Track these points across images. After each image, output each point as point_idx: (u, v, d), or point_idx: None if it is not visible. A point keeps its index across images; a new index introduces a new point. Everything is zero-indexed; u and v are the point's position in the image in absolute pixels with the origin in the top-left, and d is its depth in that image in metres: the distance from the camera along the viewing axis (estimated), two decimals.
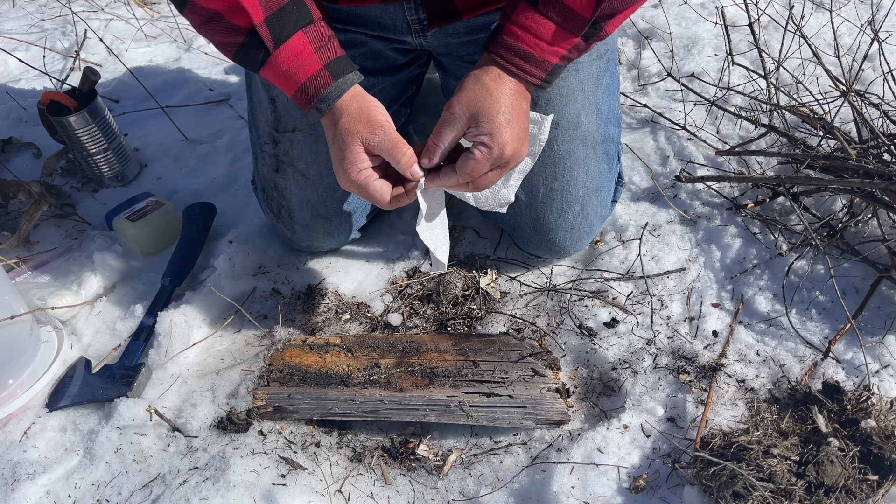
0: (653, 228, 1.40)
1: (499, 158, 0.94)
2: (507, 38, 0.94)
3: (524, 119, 0.97)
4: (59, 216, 1.58)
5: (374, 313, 1.32)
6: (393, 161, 0.96)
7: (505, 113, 0.93)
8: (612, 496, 1.01)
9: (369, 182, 0.97)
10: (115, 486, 1.07)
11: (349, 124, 0.95)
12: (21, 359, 1.21)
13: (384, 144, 0.95)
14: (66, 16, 2.39)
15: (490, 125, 0.93)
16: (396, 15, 1.16)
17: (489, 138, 0.93)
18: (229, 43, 0.96)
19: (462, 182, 0.96)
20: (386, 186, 0.98)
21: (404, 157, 0.95)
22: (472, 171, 0.94)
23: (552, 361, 1.17)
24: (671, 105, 1.70)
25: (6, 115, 1.98)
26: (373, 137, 0.94)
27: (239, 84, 2.03)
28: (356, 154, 0.95)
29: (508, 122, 0.94)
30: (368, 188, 0.97)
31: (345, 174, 0.97)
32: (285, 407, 1.13)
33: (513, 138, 0.94)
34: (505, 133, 0.93)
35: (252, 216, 1.52)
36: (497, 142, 0.93)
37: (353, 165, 0.96)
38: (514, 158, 0.97)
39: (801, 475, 0.96)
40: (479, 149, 0.93)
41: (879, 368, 1.12)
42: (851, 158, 1.27)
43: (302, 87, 0.96)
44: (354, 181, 0.97)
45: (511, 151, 0.95)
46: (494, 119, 0.93)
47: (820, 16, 1.87)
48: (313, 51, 0.95)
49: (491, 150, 0.93)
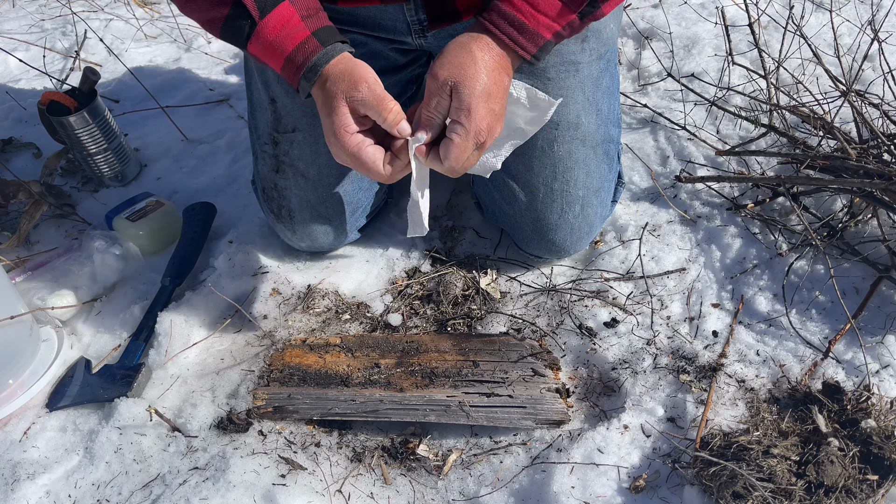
0: (653, 228, 1.40)
1: (476, 136, 0.91)
2: (503, 6, 0.91)
3: (504, 95, 0.94)
4: (59, 216, 1.58)
5: (374, 313, 1.32)
6: (379, 118, 0.91)
7: (485, 84, 0.90)
8: (612, 496, 1.01)
9: (362, 148, 0.91)
10: (115, 486, 1.07)
11: (333, 86, 0.91)
12: (21, 359, 1.21)
13: (369, 100, 0.90)
14: (66, 16, 2.39)
15: (468, 99, 0.89)
16: (396, 16, 1.16)
17: (466, 115, 0.89)
18: (214, 18, 0.93)
19: (449, 172, 0.94)
20: (380, 153, 0.93)
21: (391, 114, 0.90)
22: (457, 157, 0.91)
23: (552, 361, 1.17)
24: (671, 105, 1.70)
25: (6, 115, 1.98)
26: (356, 94, 0.90)
27: (239, 84, 2.03)
28: (342, 116, 0.90)
29: (487, 96, 0.90)
30: (362, 154, 0.92)
31: (337, 142, 0.92)
32: (285, 407, 1.13)
33: (489, 113, 0.91)
34: (482, 108, 0.90)
35: (252, 216, 1.52)
36: (473, 118, 0.90)
37: (341, 128, 0.91)
38: (490, 135, 0.93)
39: (801, 475, 0.96)
40: (457, 131, 0.90)
41: (879, 368, 1.12)
42: (851, 158, 1.27)
43: (290, 56, 0.92)
44: (346, 146, 0.92)
45: (486, 127, 0.91)
46: (474, 90, 0.89)
47: (820, 16, 1.87)
48: (301, 19, 0.93)
49: (468, 131, 0.90)
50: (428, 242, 1.45)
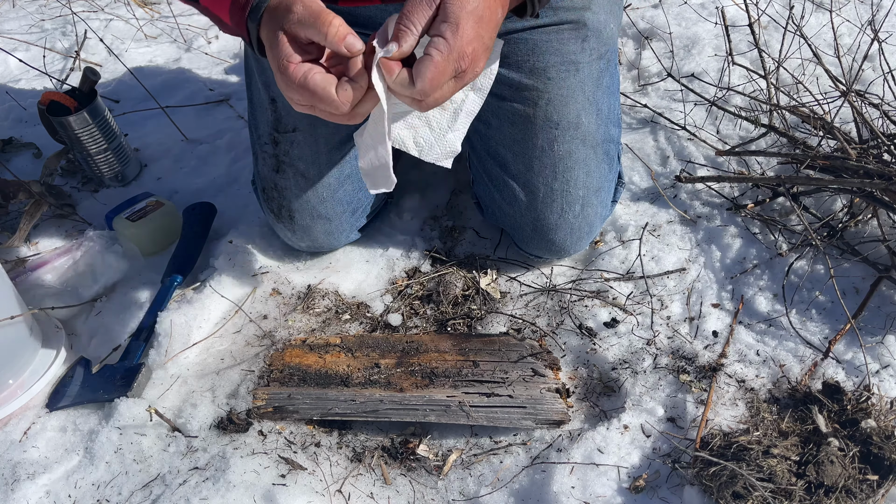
0: (653, 228, 1.40)
1: (459, 59, 0.79)
2: None
3: (495, 28, 0.83)
4: (59, 216, 1.58)
5: (374, 313, 1.32)
6: (320, 35, 0.78)
7: (477, 5, 0.78)
8: (612, 496, 1.01)
9: (308, 76, 0.79)
10: (115, 486, 1.07)
11: (270, 19, 0.82)
12: (21, 359, 1.21)
13: (304, 17, 0.78)
14: (66, 16, 2.39)
15: (456, 13, 0.77)
16: None
17: (451, 30, 0.77)
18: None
19: (419, 95, 0.79)
20: (331, 80, 0.80)
21: (331, 27, 0.78)
22: (433, 79, 0.78)
23: (552, 361, 1.17)
24: (671, 105, 1.70)
25: (6, 115, 1.98)
26: (291, 16, 0.79)
27: (239, 84, 2.03)
28: (281, 45, 0.80)
29: (479, 19, 0.79)
30: (308, 82, 0.79)
31: (283, 79, 0.81)
32: (285, 407, 1.13)
33: (477, 38, 0.79)
34: (469, 27, 0.78)
35: (252, 216, 1.52)
36: (460, 36, 0.77)
37: (283, 60, 0.80)
38: (472, 68, 0.81)
39: (801, 475, 0.96)
40: (439, 46, 0.77)
41: (879, 368, 1.12)
42: (851, 158, 1.27)
43: None
44: (291, 78, 0.80)
45: (472, 52, 0.79)
46: (466, 5, 0.78)
47: (820, 16, 1.87)
48: None
49: (451, 49, 0.77)
50: (428, 242, 1.45)
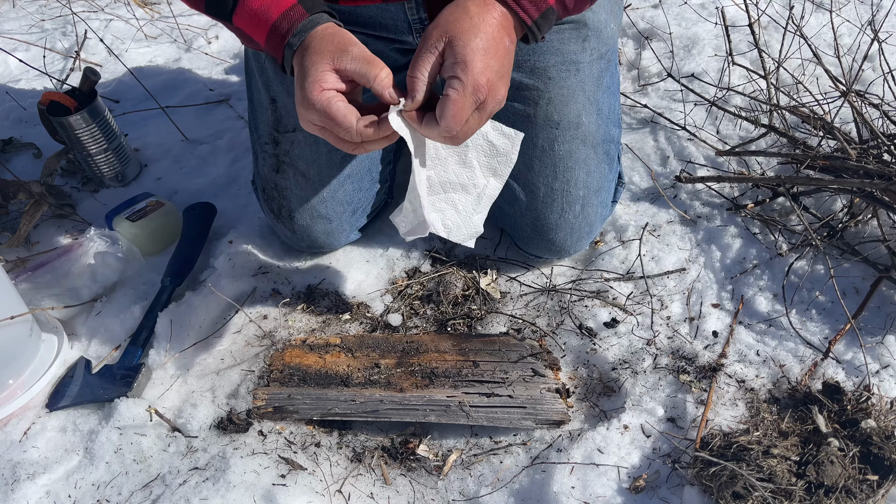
0: (653, 229, 1.40)
1: (475, 92, 0.82)
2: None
3: (506, 56, 0.86)
4: (59, 216, 1.58)
5: (374, 313, 1.32)
6: (368, 80, 0.84)
7: (483, 40, 0.82)
8: (612, 496, 1.01)
9: (332, 101, 0.84)
10: (115, 487, 1.07)
11: (319, 45, 0.86)
12: (21, 359, 1.21)
13: (357, 60, 0.84)
14: (66, 16, 2.39)
15: (465, 50, 0.81)
16: (397, 15, 1.16)
17: (462, 68, 0.81)
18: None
19: (446, 133, 0.84)
20: (352, 111, 0.85)
21: (381, 72, 0.84)
22: (455, 116, 0.82)
23: (552, 362, 1.17)
24: (671, 105, 1.70)
25: (6, 116, 1.98)
26: (344, 55, 0.84)
27: (239, 84, 2.03)
28: (322, 72, 0.84)
29: (485, 51, 0.82)
30: (331, 108, 0.84)
31: (305, 100, 0.85)
32: (285, 407, 1.13)
33: (487, 69, 0.82)
34: (479, 62, 0.81)
35: (252, 216, 1.52)
36: (471, 72, 0.81)
37: (317, 83, 0.84)
38: (492, 96, 0.85)
39: (801, 475, 0.96)
40: (454, 86, 0.82)
41: (879, 369, 1.12)
42: (851, 159, 1.27)
43: (274, 24, 0.89)
44: (315, 101, 0.84)
45: (486, 82, 0.82)
46: (470, 43, 0.81)
47: (820, 16, 1.87)
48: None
49: (465, 85, 0.81)
50: (428, 242, 1.45)
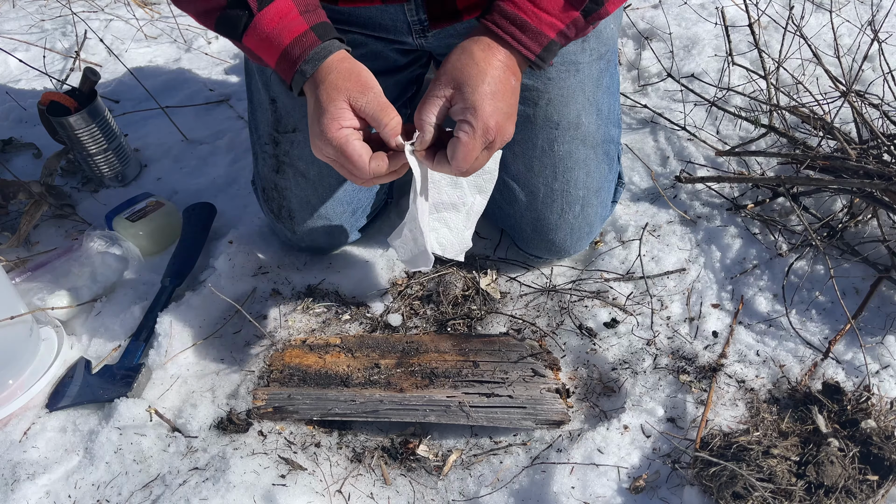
0: (653, 229, 1.40)
1: (485, 134, 0.88)
2: (504, 6, 0.90)
3: (512, 96, 0.92)
4: (59, 216, 1.58)
5: (374, 314, 1.32)
6: (379, 125, 0.90)
7: (490, 84, 0.88)
8: (612, 496, 1.01)
9: (349, 140, 0.89)
10: (115, 487, 1.07)
11: (338, 80, 0.89)
12: (21, 359, 1.21)
13: (372, 105, 0.89)
14: (66, 16, 2.38)
15: (473, 96, 0.87)
16: (397, 16, 1.16)
17: (472, 113, 0.87)
18: (210, 9, 0.92)
19: (457, 171, 0.90)
20: (366, 150, 0.90)
21: (392, 121, 0.90)
22: (465, 157, 0.88)
23: (552, 362, 1.17)
24: (671, 105, 1.70)
25: (6, 116, 1.98)
26: (362, 97, 0.89)
27: (239, 84, 2.03)
28: (340, 109, 0.89)
29: (493, 95, 0.88)
30: (348, 147, 0.89)
31: (322, 134, 0.89)
32: (285, 407, 1.13)
33: (496, 111, 0.88)
34: (488, 106, 0.87)
35: (252, 216, 1.51)
36: (480, 116, 0.87)
37: (335, 121, 0.89)
38: (500, 136, 0.91)
39: (801, 475, 0.96)
40: (464, 129, 0.88)
41: (879, 369, 1.12)
42: (851, 159, 1.27)
43: (286, 49, 0.91)
44: (333, 138, 0.89)
45: (495, 125, 0.88)
46: (478, 89, 0.87)
47: (820, 16, 1.87)
48: (299, 13, 0.92)
49: (475, 129, 0.87)
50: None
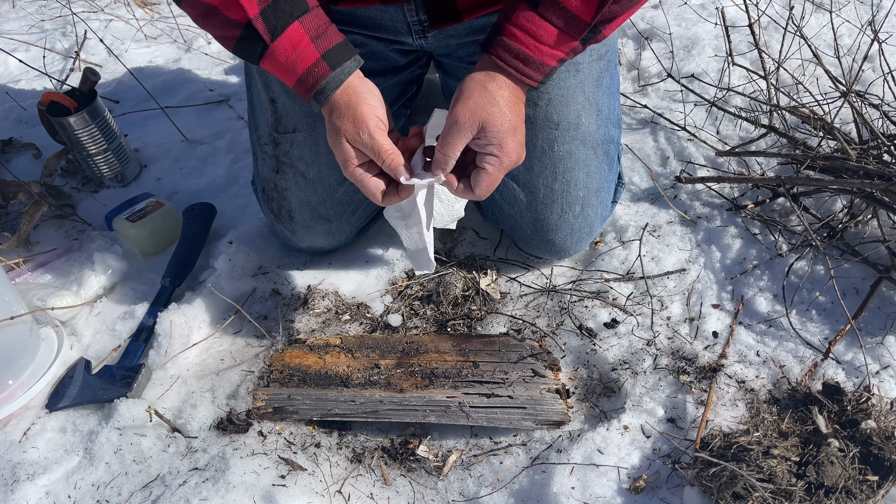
0: (653, 229, 1.40)
1: (508, 166, 0.99)
2: (507, 40, 0.94)
3: (523, 124, 1.01)
4: (59, 216, 1.58)
5: (374, 314, 1.32)
6: (378, 162, 0.99)
7: (510, 121, 0.96)
8: (612, 497, 1.01)
9: (364, 179, 1.01)
10: (114, 487, 1.07)
11: (337, 121, 0.97)
12: (21, 359, 1.21)
13: (367, 147, 0.97)
14: (66, 16, 2.38)
15: (498, 136, 0.96)
16: (397, 16, 1.16)
17: (498, 149, 0.96)
18: (228, 36, 0.97)
19: (477, 198, 1.01)
20: (379, 185, 1.01)
21: (388, 157, 0.97)
22: (490, 186, 0.99)
23: (552, 362, 1.17)
24: (671, 106, 1.70)
25: (6, 116, 1.98)
26: (357, 140, 0.97)
27: (239, 85, 2.03)
28: (346, 151, 0.99)
29: (514, 131, 0.97)
30: (363, 184, 1.01)
31: (342, 169, 1.02)
32: (285, 408, 1.13)
33: (517, 145, 0.98)
34: (510, 143, 0.97)
35: (252, 217, 1.52)
36: (505, 152, 0.97)
37: (348, 161, 1.00)
38: (517, 161, 1.00)
39: (802, 476, 0.96)
40: (491, 162, 0.97)
41: (879, 369, 1.12)
42: (851, 159, 1.27)
43: (301, 78, 0.97)
44: (349, 176, 1.01)
45: (516, 158, 0.99)
46: (501, 129, 0.96)
47: (820, 16, 1.87)
48: (310, 41, 0.96)
49: (501, 162, 0.97)
50: None
